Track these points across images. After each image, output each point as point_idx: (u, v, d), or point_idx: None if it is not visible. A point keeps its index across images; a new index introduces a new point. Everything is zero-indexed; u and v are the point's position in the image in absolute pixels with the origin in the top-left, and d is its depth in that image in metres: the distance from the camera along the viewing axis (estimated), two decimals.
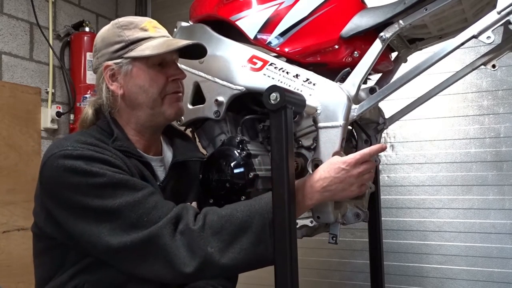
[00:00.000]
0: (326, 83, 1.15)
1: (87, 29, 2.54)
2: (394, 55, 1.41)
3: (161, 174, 1.17)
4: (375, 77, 1.47)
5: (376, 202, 1.48)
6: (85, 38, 2.50)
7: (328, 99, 1.12)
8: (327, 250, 2.15)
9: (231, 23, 1.30)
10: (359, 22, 1.21)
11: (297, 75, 1.18)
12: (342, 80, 1.19)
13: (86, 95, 2.44)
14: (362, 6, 1.29)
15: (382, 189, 1.95)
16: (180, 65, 1.20)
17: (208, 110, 1.29)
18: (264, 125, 1.30)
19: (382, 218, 1.55)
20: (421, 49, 1.40)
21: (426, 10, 1.12)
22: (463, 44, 1.07)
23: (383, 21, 1.17)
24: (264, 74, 1.21)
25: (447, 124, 1.98)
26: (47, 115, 2.36)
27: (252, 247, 0.96)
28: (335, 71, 1.22)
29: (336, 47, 1.23)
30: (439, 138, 1.99)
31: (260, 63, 1.23)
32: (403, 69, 1.24)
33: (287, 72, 1.19)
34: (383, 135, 1.59)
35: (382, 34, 1.16)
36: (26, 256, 1.94)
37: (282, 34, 1.25)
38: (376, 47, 1.17)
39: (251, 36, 1.28)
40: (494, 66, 1.23)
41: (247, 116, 1.29)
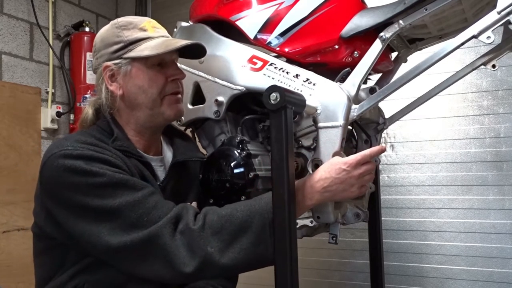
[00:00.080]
0: (326, 83, 1.15)
1: (87, 29, 2.54)
2: (394, 55, 1.41)
3: (161, 174, 1.17)
4: (375, 77, 1.47)
5: (376, 202, 1.48)
6: (85, 38, 2.50)
7: (328, 99, 1.12)
8: (327, 250, 2.15)
9: (231, 23, 1.30)
10: (359, 22, 1.21)
11: (297, 75, 1.18)
12: (342, 80, 1.19)
13: (86, 95, 2.44)
14: (362, 6, 1.29)
15: (382, 189, 1.95)
16: (180, 65, 1.20)
17: (208, 110, 1.29)
18: (264, 125, 1.30)
19: (382, 218, 1.55)
20: (421, 49, 1.40)
21: (426, 10, 1.12)
22: (463, 44, 1.07)
23: (383, 21, 1.17)
24: (264, 74, 1.21)
25: (447, 124, 1.98)
26: (47, 115, 2.36)
27: (252, 247, 0.96)
28: (335, 71, 1.22)
29: (336, 47, 1.23)
30: (439, 138, 1.99)
31: (260, 63, 1.23)
32: (403, 69, 1.24)
33: (287, 72, 1.19)
34: (383, 135, 1.59)
35: (382, 34, 1.16)
36: (26, 256, 1.94)
37: (282, 34, 1.25)
38: (376, 47, 1.17)
39: (251, 36, 1.28)
40: (494, 66, 1.23)
41: (247, 116, 1.29)
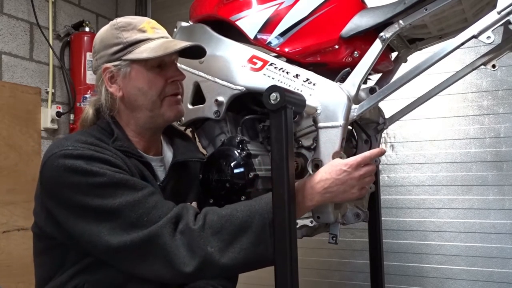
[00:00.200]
0: (326, 83, 1.15)
1: (87, 29, 2.54)
2: (394, 55, 1.41)
3: (161, 174, 1.17)
4: (375, 77, 1.47)
5: (376, 202, 1.48)
6: (85, 38, 2.50)
7: (328, 99, 1.12)
8: (327, 250, 2.15)
9: (231, 23, 1.30)
10: (359, 22, 1.21)
11: (297, 75, 1.18)
12: (342, 80, 1.19)
13: (86, 95, 2.44)
14: (362, 6, 1.29)
15: (382, 189, 1.95)
16: (180, 65, 1.20)
17: (208, 110, 1.29)
18: (264, 125, 1.30)
19: (382, 218, 1.55)
20: (421, 49, 1.40)
21: (426, 10, 1.12)
22: (463, 44, 1.07)
23: (383, 21, 1.17)
24: (264, 74, 1.21)
25: (447, 124, 1.98)
26: (47, 115, 2.35)
27: (252, 247, 0.96)
28: (335, 71, 1.22)
29: (336, 47, 1.23)
30: (439, 138, 1.99)
31: (260, 63, 1.23)
32: (403, 69, 1.24)
33: (287, 72, 1.19)
34: (383, 135, 1.59)
35: (382, 34, 1.16)
36: (26, 256, 1.94)
37: (282, 34, 1.25)
38: (376, 47, 1.17)
39: (251, 36, 1.28)
40: (494, 66, 1.23)
41: (247, 116, 1.29)
